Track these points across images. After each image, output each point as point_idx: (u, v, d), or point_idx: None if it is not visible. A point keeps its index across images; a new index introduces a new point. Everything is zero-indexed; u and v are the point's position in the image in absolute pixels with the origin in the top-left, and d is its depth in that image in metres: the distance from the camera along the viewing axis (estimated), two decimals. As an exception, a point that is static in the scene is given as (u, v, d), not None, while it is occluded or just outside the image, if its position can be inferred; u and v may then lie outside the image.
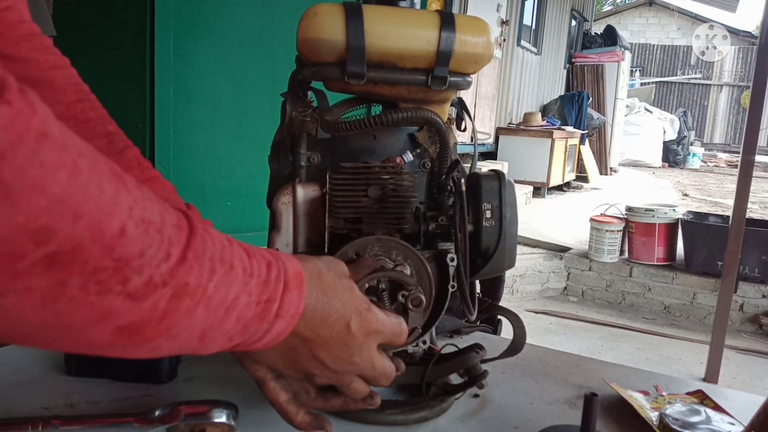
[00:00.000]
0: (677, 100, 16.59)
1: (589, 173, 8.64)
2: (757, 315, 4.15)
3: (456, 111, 0.78)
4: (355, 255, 0.63)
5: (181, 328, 0.37)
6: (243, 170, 2.18)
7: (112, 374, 0.71)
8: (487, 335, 0.94)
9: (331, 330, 0.49)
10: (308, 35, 0.64)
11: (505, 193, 0.67)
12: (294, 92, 0.73)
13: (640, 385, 0.78)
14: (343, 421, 0.66)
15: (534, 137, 7.11)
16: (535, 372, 0.82)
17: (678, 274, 4.39)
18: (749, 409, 0.62)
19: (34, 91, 0.29)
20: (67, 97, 0.61)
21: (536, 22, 8.26)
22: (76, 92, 0.61)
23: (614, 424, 0.69)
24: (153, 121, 1.92)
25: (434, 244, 0.69)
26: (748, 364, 3.60)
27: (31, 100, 0.28)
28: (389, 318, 0.54)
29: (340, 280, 0.51)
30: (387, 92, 0.68)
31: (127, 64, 1.94)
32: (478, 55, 0.67)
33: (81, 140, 0.31)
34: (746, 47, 16.01)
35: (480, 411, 0.70)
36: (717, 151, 14.88)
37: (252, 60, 2.17)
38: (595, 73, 9.67)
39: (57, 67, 0.62)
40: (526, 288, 4.52)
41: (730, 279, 3.08)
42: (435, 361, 0.69)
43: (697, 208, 6.12)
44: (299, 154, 0.70)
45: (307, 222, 0.68)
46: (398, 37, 0.65)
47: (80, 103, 0.60)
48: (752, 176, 2.99)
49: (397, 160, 0.71)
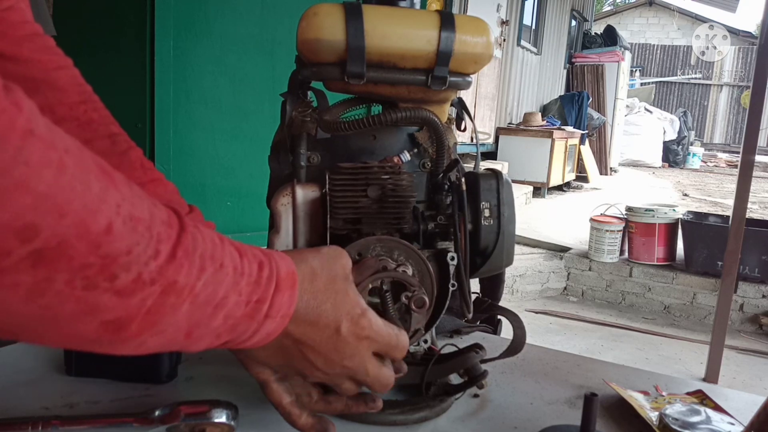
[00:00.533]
0: (677, 100, 16.59)
1: (589, 173, 8.64)
2: (757, 315, 4.15)
3: (456, 111, 0.78)
4: (358, 256, 0.63)
5: (167, 324, 0.37)
6: (243, 170, 2.18)
7: (112, 374, 0.71)
8: (487, 335, 0.94)
9: (322, 333, 0.49)
10: (308, 35, 0.64)
11: (503, 191, 0.67)
12: (294, 92, 0.73)
13: (640, 385, 0.78)
14: (344, 421, 0.66)
15: (534, 137, 7.11)
16: (535, 372, 0.82)
17: (678, 274, 4.39)
18: (749, 409, 0.62)
19: (20, 88, 0.29)
20: (70, 98, 0.61)
21: (536, 22, 8.26)
22: (79, 93, 0.61)
23: (614, 424, 0.69)
24: (153, 121, 1.92)
25: (433, 244, 0.69)
26: (748, 364, 3.60)
27: (16, 97, 0.28)
28: (386, 328, 0.53)
29: (333, 283, 0.50)
30: (387, 92, 0.68)
31: (127, 64, 1.94)
32: (478, 55, 0.67)
33: (68, 137, 0.31)
34: (746, 47, 16.01)
35: (480, 411, 0.70)
36: (717, 151, 14.88)
37: (252, 60, 2.17)
38: (595, 73, 9.67)
39: (60, 67, 0.62)
40: (526, 288, 4.52)
41: (730, 279, 3.08)
42: (435, 361, 0.69)
43: (697, 208, 6.12)
44: (299, 154, 0.70)
45: (306, 223, 0.68)
46: (398, 37, 0.65)
47: (83, 104, 0.60)
48: (752, 176, 2.99)
49: (395, 160, 0.71)
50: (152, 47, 1.90)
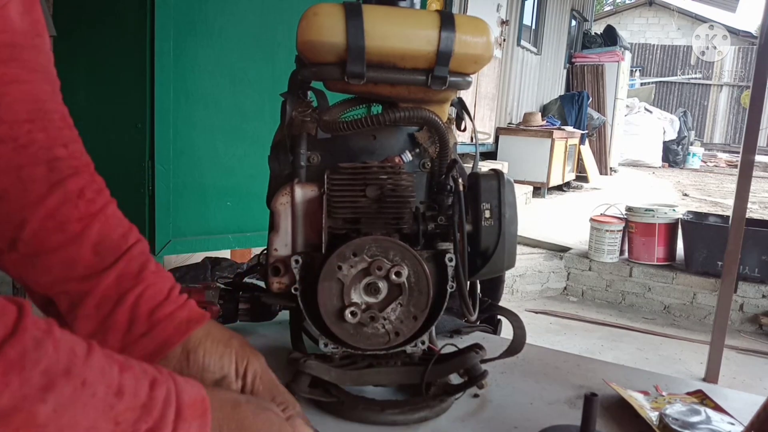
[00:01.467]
0: (677, 100, 16.58)
1: (589, 173, 8.63)
2: (757, 315, 4.14)
3: (456, 111, 0.78)
4: (353, 255, 0.63)
5: None
6: (243, 170, 2.18)
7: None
8: (487, 335, 0.94)
9: None
10: (308, 35, 0.64)
11: (505, 192, 0.67)
12: (294, 92, 0.73)
13: (640, 385, 0.78)
14: (344, 421, 0.66)
15: (534, 137, 7.10)
16: (535, 372, 0.82)
17: (678, 274, 4.39)
18: (749, 409, 0.62)
19: None
20: (14, 115, 0.52)
21: (536, 22, 8.25)
22: (30, 111, 0.52)
23: (614, 424, 0.69)
24: (153, 121, 1.92)
25: (434, 244, 0.69)
26: (748, 364, 3.60)
27: None
28: None
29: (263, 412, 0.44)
30: (387, 92, 0.68)
31: (126, 64, 1.94)
32: (478, 56, 0.67)
33: None
34: (746, 47, 16.00)
35: (480, 411, 0.70)
36: (717, 151, 14.87)
37: (252, 60, 2.17)
38: (595, 73, 9.67)
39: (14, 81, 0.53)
40: (526, 288, 4.52)
41: (730, 279, 3.08)
42: (435, 361, 0.69)
43: (697, 208, 6.11)
44: (299, 154, 0.70)
45: (305, 222, 0.68)
46: (398, 37, 0.65)
47: (29, 123, 0.52)
48: (752, 176, 2.99)
49: (396, 160, 0.71)
50: (152, 47, 1.90)
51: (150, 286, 0.52)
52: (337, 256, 0.63)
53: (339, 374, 0.67)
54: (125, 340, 0.50)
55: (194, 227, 2.12)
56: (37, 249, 0.50)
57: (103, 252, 0.51)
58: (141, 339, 0.50)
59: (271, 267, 0.68)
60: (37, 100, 0.53)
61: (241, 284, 0.90)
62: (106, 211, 0.53)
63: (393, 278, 0.63)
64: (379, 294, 0.64)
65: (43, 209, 0.50)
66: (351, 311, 0.63)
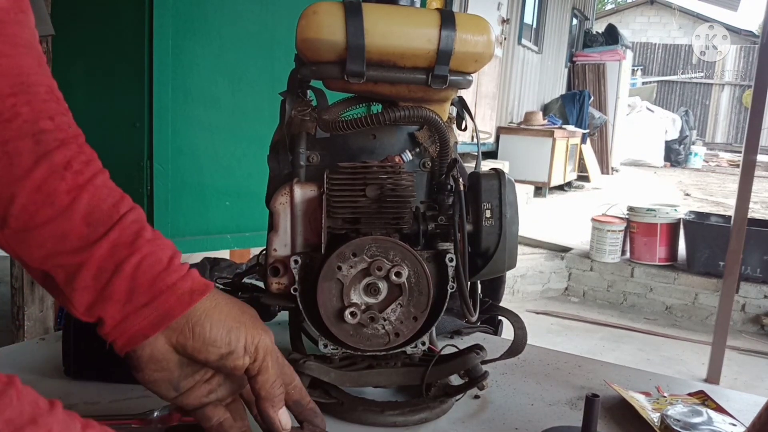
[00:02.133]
0: (679, 99, 16.57)
1: (591, 173, 8.63)
2: (759, 315, 4.14)
3: (456, 110, 0.77)
4: (353, 255, 0.63)
5: None
6: (242, 170, 2.17)
7: (110, 375, 0.70)
8: (488, 336, 0.93)
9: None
10: (307, 34, 0.64)
11: (505, 192, 0.67)
12: (293, 91, 0.72)
13: (642, 386, 0.77)
14: (344, 422, 0.65)
15: (535, 136, 7.10)
16: (536, 373, 0.82)
17: (680, 274, 4.39)
18: (751, 410, 0.62)
19: None
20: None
21: (537, 21, 8.25)
22: (13, 85, 0.52)
23: (615, 425, 0.69)
24: (151, 120, 1.92)
25: (434, 245, 0.69)
26: (750, 365, 3.60)
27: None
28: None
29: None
30: (387, 91, 0.68)
31: (125, 63, 1.93)
32: (478, 54, 0.66)
33: None
34: (748, 46, 15.99)
35: (480, 412, 0.70)
36: (719, 151, 14.86)
37: (251, 59, 2.17)
38: (596, 72, 9.66)
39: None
40: (527, 288, 4.52)
41: (732, 279, 3.08)
42: (435, 362, 0.68)
43: (698, 208, 6.11)
44: (298, 153, 0.70)
45: (305, 222, 0.68)
46: (398, 35, 0.64)
47: (12, 98, 0.52)
48: (754, 176, 3.00)
49: (396, 160, 0.70)
50: (151, 46, 1.89)
51: (148, 255, 0.51)
52: (336, 256, 0.62)
53: (339, 375, 0.67)
54: (125, 309, 0.50)
55: (193, 227, 2.11)
56: (27, 224, 0.50)
57: (94, 223, 0.50)
58: (142, 309, 0.50)
59: (270, 267, 0.68)
60: (20, 73, 0.52)
61: (240, 285, 0.89)
62: (95, 181, 0.52)
63: (393, 279, 0.62)
64: (379, 294, 0.63)
65: (30, 183, 0.49)
66: (351, 312, 0.63)
